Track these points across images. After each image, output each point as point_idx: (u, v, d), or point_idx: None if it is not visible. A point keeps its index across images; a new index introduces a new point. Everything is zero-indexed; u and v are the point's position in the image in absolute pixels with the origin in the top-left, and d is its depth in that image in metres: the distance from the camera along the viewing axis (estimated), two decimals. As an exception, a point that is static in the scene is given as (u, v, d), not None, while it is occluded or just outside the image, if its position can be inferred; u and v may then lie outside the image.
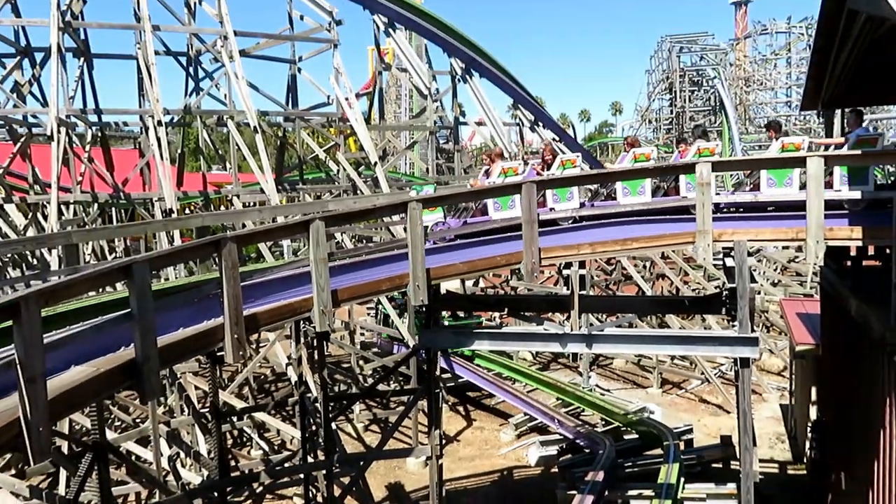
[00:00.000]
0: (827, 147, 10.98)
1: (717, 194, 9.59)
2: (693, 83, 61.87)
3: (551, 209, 10.09)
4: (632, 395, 20.65)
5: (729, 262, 9.46)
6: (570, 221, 10.00)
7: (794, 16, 63.01)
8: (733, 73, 66.41)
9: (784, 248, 26.65)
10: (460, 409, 20.26)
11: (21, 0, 18.17)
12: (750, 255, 9.29)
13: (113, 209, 20.89)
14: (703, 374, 20.88)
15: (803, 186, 8.60)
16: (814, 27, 19.73)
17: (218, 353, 7.92)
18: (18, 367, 4.47)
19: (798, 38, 61.81)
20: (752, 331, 9.03)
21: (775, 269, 28.86)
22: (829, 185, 9.17)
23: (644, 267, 25.81)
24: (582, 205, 10.35)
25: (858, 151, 9.23)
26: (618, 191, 10.20)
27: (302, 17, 21.63)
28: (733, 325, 9.15)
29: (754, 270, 24.01)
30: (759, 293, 23.24)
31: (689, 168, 9.26)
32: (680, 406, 20.16)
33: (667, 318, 21.50)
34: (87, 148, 19.45)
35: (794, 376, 17.58)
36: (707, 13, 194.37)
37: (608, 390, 21.13)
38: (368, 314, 25.40)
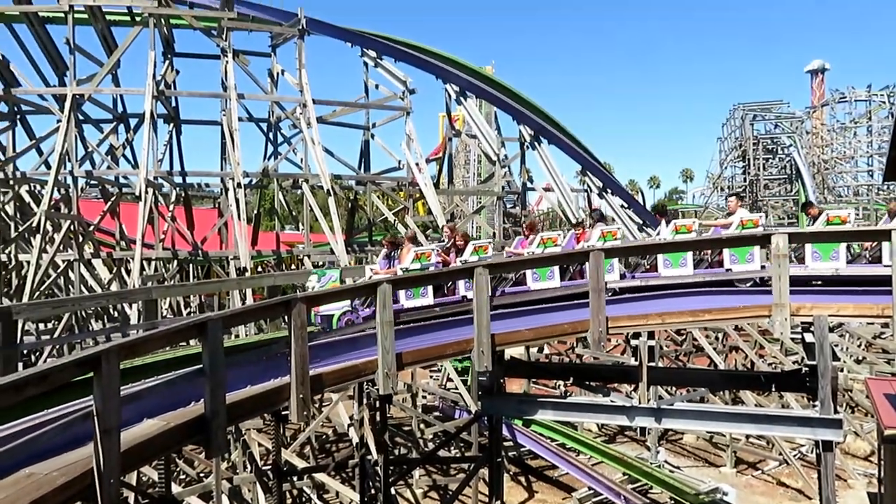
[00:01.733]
0: (727, 226, 10.95)
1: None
2: (767, 151, 60.63)
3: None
4: (703, 474, 19.60)
5: (808, 337, 9.05)
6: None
7: (875, 83, 61.42)
8: (810, 141, 64.82)
9: (869, 323, 25.25)
10: (522, 479, 19.65)
11: (120, 70, 19.69)
12: (831, 329, 8.88)
13: (191, 265, 21.79)
14: (781, 455, 19.67)
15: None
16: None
17: (283, 412, 8.00)
18: (95, 418, 4.64)
19: (879, 107, 60.09)
20: (836, 411, 8.54)
21: (860, 346, 27.27)
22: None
23: (716, 338, 24.86)
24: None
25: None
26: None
27: (377, 86, 22.53)
28: (814, 405, 8.69)
29: (836, 346, 22.80)
30: (842, 371, 21.96)
31: (765, 239, 8.99)
32: (756, 489, 18.98)
33: (741, 393, 20.52)
34: (171, 207, 20.50)
35: (883, 462, 16.33)
36: (780, 81, 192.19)
37: (678, 467, 20.14)
38: (431, 377, 25.25)
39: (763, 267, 9.66)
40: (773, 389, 19.58)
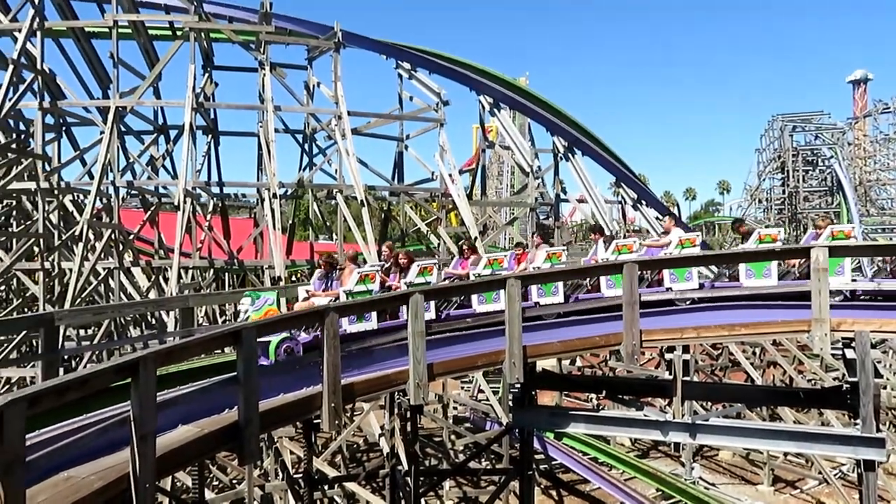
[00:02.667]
0: (665, 246, 10.84)
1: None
2: (807, 162, 59.46)
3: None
4: (740, 492, 19.17)
5: (850, 353, 8.82)
6: (687, 302, 9.74)
7: (920, 94, 59.85)
8: (852, 153, 63.39)
9: (913, 339, 24.49)
10: (553, 493, 19.45)
11: (161, 83, 20.21)
12: (874, 346, 8.66)
13: (226, 274, 22.13)
14: (821, 473, 19.14)
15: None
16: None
17: (315, 421, 8.06)
18: (133, 423, 4.73)
19: (924, 117, 58.57)
20: (878, 430, 8.30)
21: (904, 363, 26.47)
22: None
23: (754, 353, 24.35)
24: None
25: None
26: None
27: (411, 98, 22.70)
28: (855, 423, 8.45)
29: (879, 363, 22.15)
30: (884, 388, 21.32)
31: (804, 253, 8.82)
32: (795, 508, 18.52)
33: (779, 410, 20.04)
34: (208, 217, 20.87)
35: (928, 484, 15.82)
36: (821, 92, 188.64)
37: (713, 484, 19.73)
38: (462, 388, 25.20)
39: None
40: (813, 406, 19.17)
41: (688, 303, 9.76)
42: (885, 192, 62.63)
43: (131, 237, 19.82)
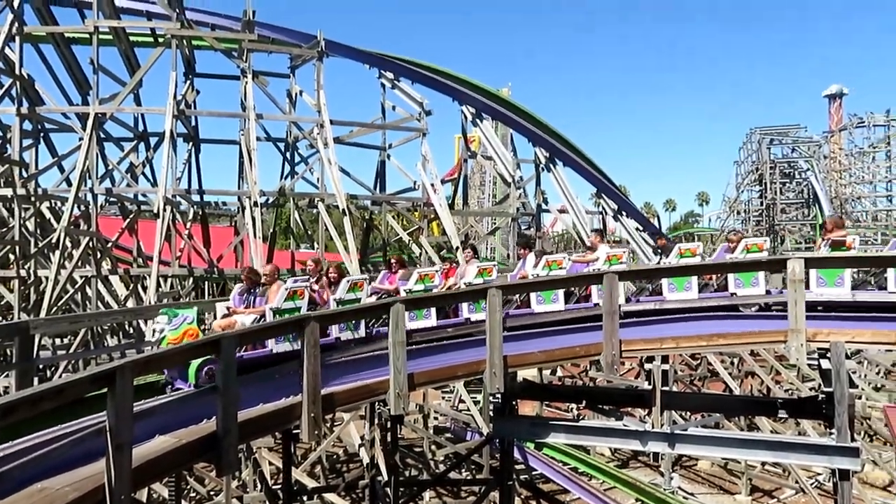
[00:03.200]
0: (592, 262, 11.09)
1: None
2: (784, 175, 60.36)
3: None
4: (718, 502, 19.32)
5: (825, 363, 8.94)
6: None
7: (894, 109, 60.99)
8: (828, 165, 64.46)
9: (888, 350, 24.87)
10: (533, 503, 19.46)
11: (142, 90, 20.07)
12: (849, 357, 8.78)
13: (206, 283, 21.94)
14: (797, 483, 19.34)
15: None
16: (914, 122, 19.07)
17: (294, 431, 8.01)
18: (108, 434, 4.68)
19: (898, 132, 59.73)
20: (853, 440, 8.41)
21: (878, 373, 26.87)
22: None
23: (732, 363, 24.58)
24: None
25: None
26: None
27: (394, 107, 22.74)
28: (831, 433, 8.56)
29: (854, 373, 22.42)
30: (859, 398, 21.59)
31: (781, 264, 8.94)
32: (772, 517, 18.68)
33: (757, 419, 20.23)
34: (188, 225, 20.71)
35: (902, 493, 16.03)
36: (798, 106, 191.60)
37: (692, 494, 19.85)
38: (443, 398, 25.15)
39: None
40: (790, 416, 19.36)
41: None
42: (859, 205, 63.69)
43: (109, 245, 19.60)
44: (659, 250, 11.84)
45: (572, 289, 10.38)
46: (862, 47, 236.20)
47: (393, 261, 11.13)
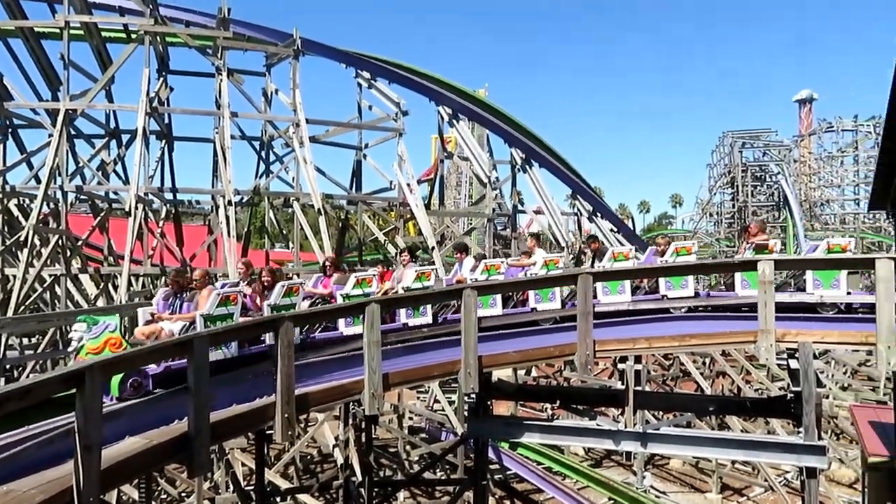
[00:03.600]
0: (529, 266, 11.18)
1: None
2: (756, 178, 61.29)
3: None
4: (689, 500, 19.57)
5: (794, 363, 9.11)
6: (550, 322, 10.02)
7: (861, 114, 62.37)
8: (798, 169, 65.61)
9: (854, 350, 25.39)
10: (507, 502, 19.53)
11: (114, 86, 19.78)
12: (817, 356, 8.95)
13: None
14: (766, 481, 19.68)
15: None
16: (881, 126, 19.48)
17: (267, 431, 7.96)
18: (77, 435, 4.61)
19: (865, 137, 60.96)
20: (820, 438, 8.58)
21: (845, 373, 27.43)
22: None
23: (703, 363, 24.93)
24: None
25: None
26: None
27: (370, 107, 22.68)
28: (799, 432, 8.72)
29: (822, 373, 22.89)
30: (827, 398, 22.04)
31: (752, 265, 9.08)
32: (742, 515, 18.96)
33: (727, 419, 20.54)
34: (161, 223, 20.45)
35: (866, 490, 16.36)
36: (770, 111, 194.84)
37: (664, 493, 20.08)
38: (418, 398, 25.15)
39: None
40: (759, 415, 19.70)
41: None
42: (828, 208, 64.92)
43: (79, 243, 19.28)
44: (592, 253, 11.96)
45: (510, 294, 10.33)
46: (831, 53, 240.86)
47: (328, 264, 10.52)
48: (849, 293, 9.17)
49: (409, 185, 21.54)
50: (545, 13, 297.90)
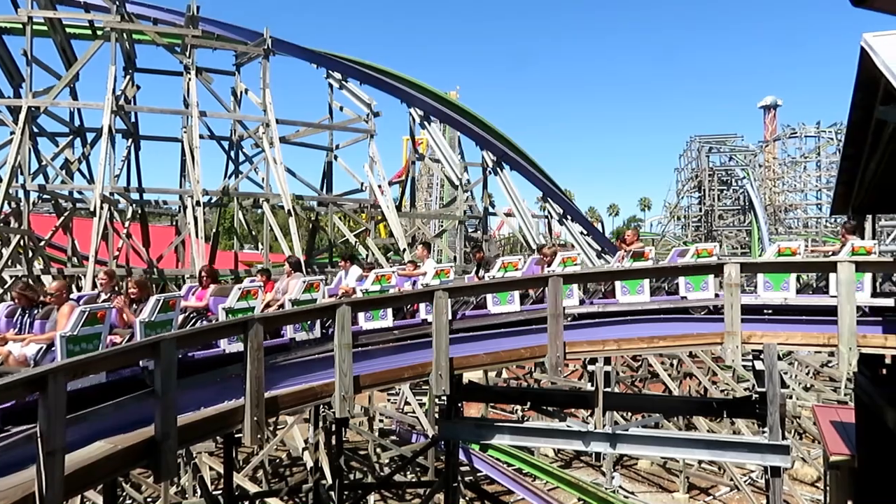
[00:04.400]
0: (412, 277, 11.23)
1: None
2: (722, 182, 62.38)
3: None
4: (657, 500, 19.80)
5: (758, 364, 9.27)
6: (569, 319, 10.02)
7: (824, 121, 63.86)
8: (763, 174, 66.92)
9: (817, 352, 25.95)
10: (478, 504, 19.56)
11: (79, 84, 19.40)
12: (781, 357, 9.12)
13: (145, 284, 21.30)
14: (732, 480, 20.00)
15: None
16: (843, 133, 19.96)
17: (236, 435, 7.86)
18: (39, 439, 4.50)
19: (828, 143, 62.43)
20: (784, 438, 8.73)
21: (808, 374, 28.03)
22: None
23: (671, 365, 25.26)
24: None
25: (889, 259, 9.15)
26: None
27: (342, 108, 22.58)
28: (763, 431, 8.87)
29: (785, 374, 23.28)
30: (790, 398, 22.48)
31: (717, 268, 9.23)
32: (708, 514, 19.24)
33: (694, 419, 20.84)
34: (127, 224, 20.10)
35: (828, 489, 16.74)
36: (735, 116, 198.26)
37: (632, 493, 20.29)
38: (389, 400, 25.07)
39: (717, 295, 10.03)
40: (725, 416, 20.00)
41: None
42: (792, 212, 66.31)
43: (42, 243, 18.87)
44: (477, 263, 12.11)
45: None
46: (796, 60, 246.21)
47: (203, 274, 9.48)
48: (717, 295, 9.71)
49: (380, 186, 21.49)
50: (517, 17, 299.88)
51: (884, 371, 10.36)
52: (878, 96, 7.85)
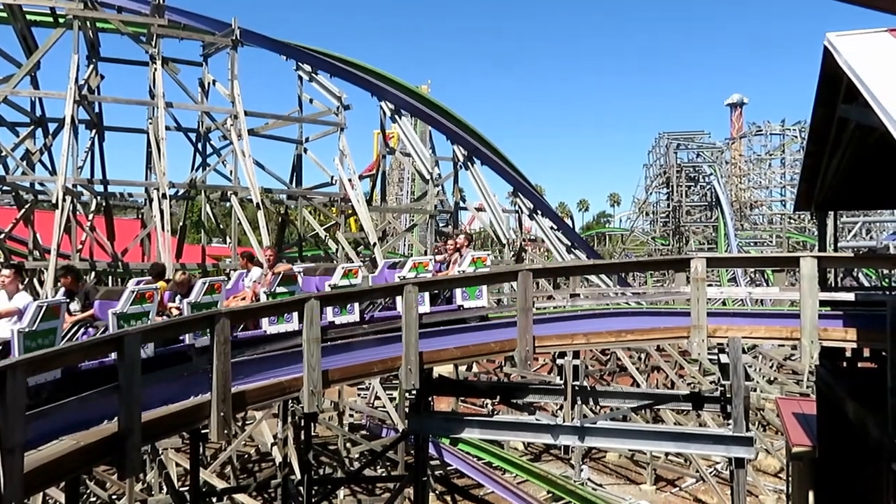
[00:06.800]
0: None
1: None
2: (690, 179, 63.14)
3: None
4: (625, 492, 20.04)
5: (724, 358, 9.42)
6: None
7: (788, 118, 65.05)
8: (729, 170, 67.92)
9: (780, 345, 26.49)
10: (448, 498, 19.61)
11: (40, 72, 18.87)
12: (745, 351, 9.29)
13: (110, 278, 20.91)
14: (698, 472, 20.35)
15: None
16: (807, 130, 20.35)
17: (203, 430, 7.75)
18: (-3, 437, 4.39)
19: (792, 140, 63.58)
20: (748, 430, 8.89)
21: (771, 367, 28.60)
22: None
23: (639, 358, 25.59)
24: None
25: (850, 254, 9.36)
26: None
27: (311, 101, 22.35)
28: (728, 424, 9.02)
29: (750, 367, 23.78)
30: (754, 391, 22.93)
31: (684, 263, 9.35)
32: (674, 505, 19.55)
33: (661, 412, 21.15)
34: (91, 217, 19.67)
35: (791, 479, 17.11)
36: (703, 113, 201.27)
37: (601, 485, 20.52)
38: (359, 395, 24.99)
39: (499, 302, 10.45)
40: (692, 408, 20.33)
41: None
42: (757, 209, 67.45)
43: (2, 236, 18.39)
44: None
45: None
46: (761, 59, 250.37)
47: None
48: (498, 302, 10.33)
49: (350, 180, 21.35)
50: (490, 15, 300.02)
51: (844, 364, 10.61)
52: (841, 95, 8.02)
